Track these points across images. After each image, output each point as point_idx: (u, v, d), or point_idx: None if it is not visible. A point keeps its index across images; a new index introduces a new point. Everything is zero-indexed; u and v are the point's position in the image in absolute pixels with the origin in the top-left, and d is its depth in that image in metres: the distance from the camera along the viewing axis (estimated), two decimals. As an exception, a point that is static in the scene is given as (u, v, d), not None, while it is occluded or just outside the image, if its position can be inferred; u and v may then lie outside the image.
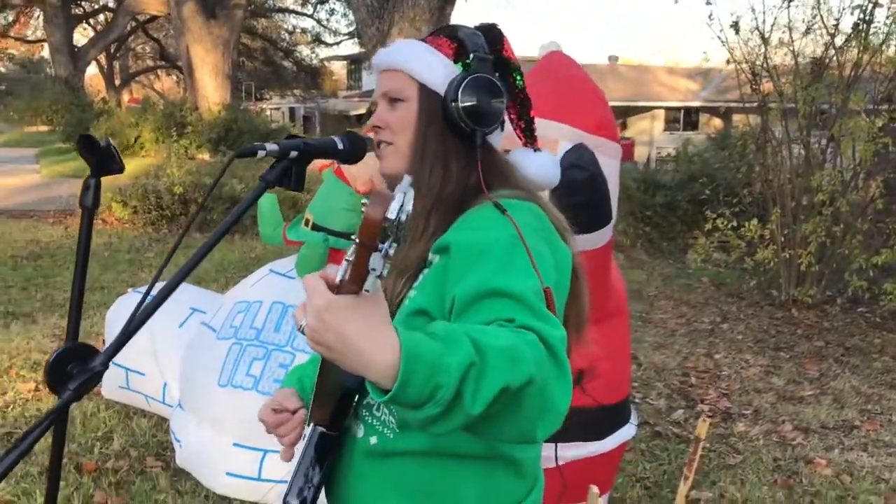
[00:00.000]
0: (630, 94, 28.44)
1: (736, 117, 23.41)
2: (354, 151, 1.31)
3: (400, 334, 0.90)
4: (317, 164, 3.57)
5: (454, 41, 1.34)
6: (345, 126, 30.00)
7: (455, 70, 1.31)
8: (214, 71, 17.06)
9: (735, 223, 8.10)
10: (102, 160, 1.06)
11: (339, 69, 42.00)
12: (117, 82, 35.96)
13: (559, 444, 2.46)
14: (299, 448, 1.33)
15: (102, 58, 33.91)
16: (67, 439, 3.61)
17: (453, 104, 1.26)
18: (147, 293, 1.12)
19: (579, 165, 2.08)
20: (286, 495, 1.25)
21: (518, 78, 1.36)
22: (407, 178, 0.90)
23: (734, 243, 7.94)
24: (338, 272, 0.90)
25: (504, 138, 1.37)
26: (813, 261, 7.42)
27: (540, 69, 2.82)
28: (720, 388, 5.23)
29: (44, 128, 25.07)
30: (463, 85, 1.26)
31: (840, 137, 7.50)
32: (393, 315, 1.21)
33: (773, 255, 7.66)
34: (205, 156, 14.92)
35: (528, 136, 1.42)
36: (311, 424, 1.30)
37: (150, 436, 3.76)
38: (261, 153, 1.18)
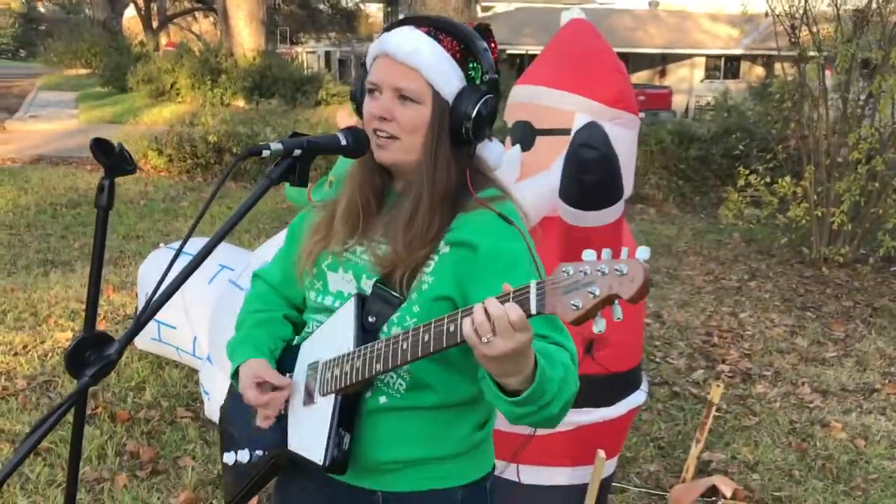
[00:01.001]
0: (670, 41, 27.84)
1: (778, 66, 22.87)
2: (358, 146, 1.36)
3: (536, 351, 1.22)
4: (342, 124, 3.62)
5: (461, 43, 1.41)
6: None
7: (461, 78, 1.41)
8: (249, 17, 17.02)
9: (768, 179, 8.01)
10: (115, 162, 1.13)
11: (375, 12, 41.56)
12: (155, 24, 35.99)
13: (571, 409, 2.54)
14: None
15: None
16: (102, 389, 3.79)
17: (466, 123, 1.38)
18: (177, 254, 1.22)
19: (590, 145, 2.11)
20: (322, 455, 1.39)
21: (498, 80, 1.45)
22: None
23: (766, 199, 7.86)
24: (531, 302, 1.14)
25: None
26: (846, 219, 7.34)
27: (561, 39, 2.82)
28: (742, 349, 5.27)
29: (83, 71, 25.28)
30: (477, 108, 1.38)
31: (879, 94, 7.34)
32: (407, 288, 1.39)
33: (805, 213, 7.59)
34: (239, 102, 14.99)
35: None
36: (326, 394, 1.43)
37: (180, 387, 3.92)
38: (265, 153, 1.24)
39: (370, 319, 1.42)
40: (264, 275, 1.66)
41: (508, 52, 26.62)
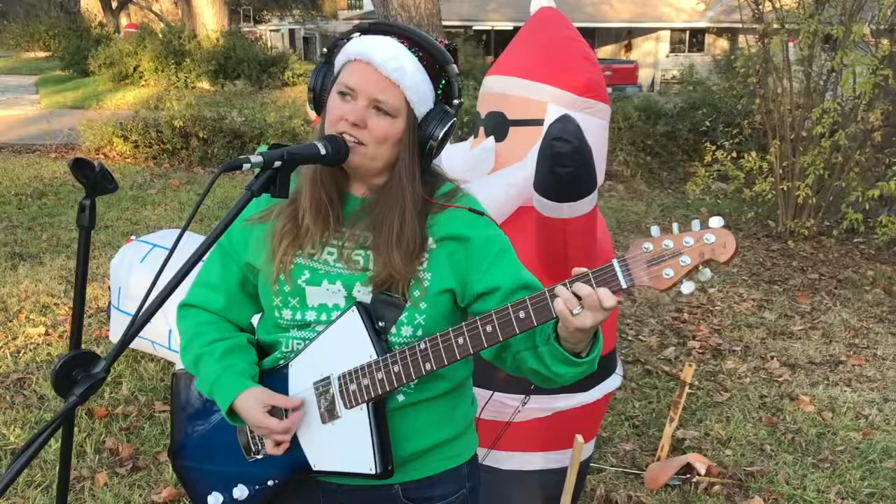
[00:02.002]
0: (635, 15, 27.88)
1: (741, 39, 23.02)
2: (337, 155, 1.37)
3: None
4: (313, 115, 3.61)
5: (436, 64, 1.45)
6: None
7: (434, 96, 1.46)
8: (211, -4, 16.75)
9: (735, 154, 8.11)
10: (96, 181, 1.13)
11: (339, -11, 41.05)
12: (114, 5, 35.25)
13: (548, 396, 2.58)
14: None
15: (98, -21, 33.19)
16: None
17: (432, 142, 1.45)
18: (166, 260, 1.23)
19: (563, 138, 2.13)
20: (373, 463, 1.43)
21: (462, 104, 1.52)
22: None
23: (733, 174, 7.96)
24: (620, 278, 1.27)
25: None
26: (810, 193, 7.46)
27: (531, 28, 2.82)
28: (712, 324, 5.36)
29: (41, 54, 24.74)
30: (444, 132, 1.45)
31: (841, 69, 7.45)
32: (406, 289, 1.44)
33: (771, 187, 7.71)
34: (204, 85, 14.79)
35: None
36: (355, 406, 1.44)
37: (157, 380, 3.91)
38: (246, 166, 1.24)
39: (380, 324, 1.43)
40: (202, 304, 1.56)
41: (474, 28, 26.51)
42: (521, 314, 1.32)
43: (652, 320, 5.35)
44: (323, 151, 1.35)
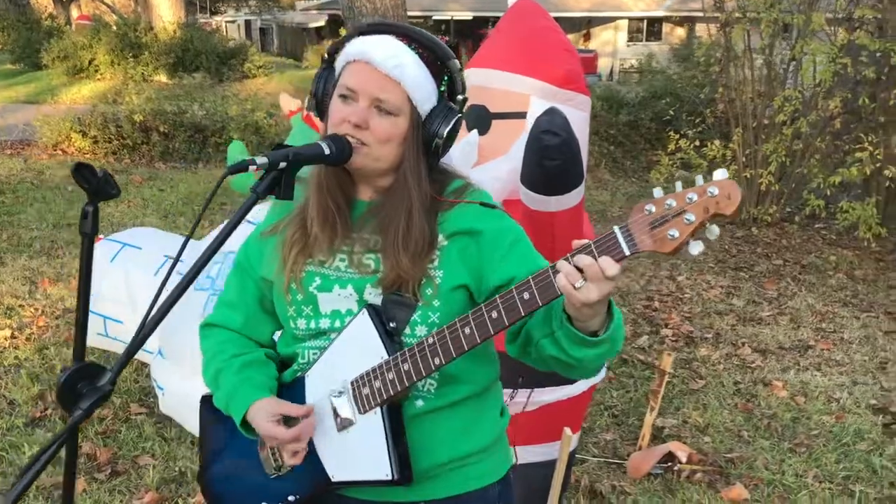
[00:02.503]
0: (594, 4, 28.03)
1: (699, 27, 23.27)
2: (341, 154, 1.34)
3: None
4: (286, 109, 3.56)
5: (437, 60, 1.42)
6: (304, 39, 29.24)
7: (436, 93, 1.43)
8: (167, -13, 16.44)
9: (697, 143, 8.20)
10: (99, 186, 1.09)
11: (295, -21, 40.62)
12: (64, -3, 34.41)
13: (535, 390, 2.58)
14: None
15: (46, -30, 32.36)
16: (49, 389, 3.68)
17: (437, 139, 1.41)
18: (170, 271, 1.20)
19: (552, 131, 2.12)
20: (389, 471, 1.38)
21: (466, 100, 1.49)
22: None
23: (696, 163, 8.05)
24: (622, 244, 1.19)
25: None
26: (773, 180, 7.58)
27: (509, 20, 2.81)
28: (683, 312, 5.42)
29: (-11, 47, 24.06)
30: (450, 128, 1.42)
31: (801, 57, 7.57)
32: (416, 289, 1.40)
33: (734, 175, 7.81)
34: (162, 78, 14.54)
35: None
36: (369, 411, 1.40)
37: (131, 382, 3.83)
38: (252, 168, 1.21)
39: (391, 325, 1.40)
40: (221, 322, 1.57)
41: (434, 18, 26.43)
42: (526, 295, 1.26)
43: (624, 309, 5.38)
44: (327, 151, 1.33)
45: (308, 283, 1.44)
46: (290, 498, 1.48)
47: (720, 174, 1.14)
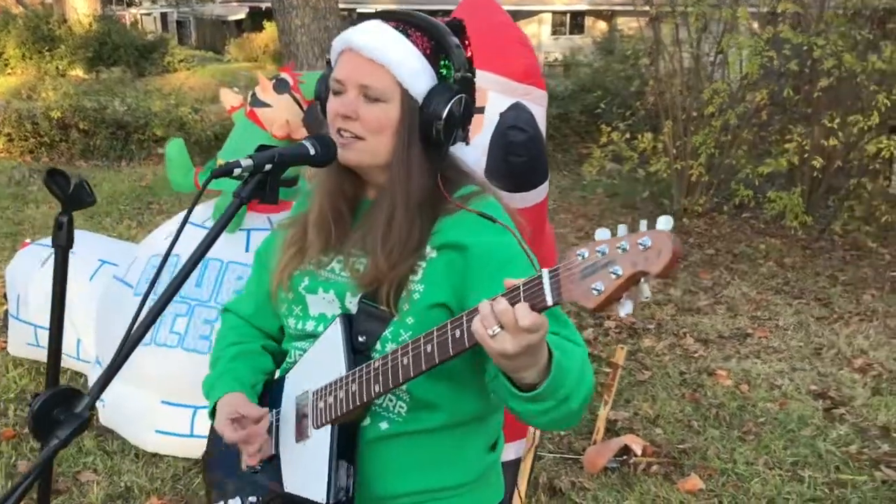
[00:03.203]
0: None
1: (620, 21, 23.66)
2: (327, 153, 1.28)
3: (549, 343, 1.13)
4: (228, 105, 3.43)
5: (431, 40, 1.33)
6: (223, 32, 28.57)
7: (432, 76, 1.32)
8: (81, -22, 15.82)
9: (628, 135, 8.31)
10: (74, 194, 0.99)
11: (213, -29, 39.65)
12: (-34, -13, 32.80)
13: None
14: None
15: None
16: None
17: (437, 123, 1.29)
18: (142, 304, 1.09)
19: (519, 126, 2.09)
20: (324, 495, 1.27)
21: (473, 79, 1.37)
22: None
23: (626, 155, 8.16)
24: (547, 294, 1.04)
25: None
26: (703, 171, 7.73)
27: (462, 13, 2.75)
28: (624, 304, 5.47)
29: None
30: (449, 107, 1.29)
31: (728, 50, 7.73)
32: (396, 302, 1.29)
33: (666, 167, 7.94)
34: (78, 72, 13.97)
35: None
36: (320, 427, 1.33)
37: (66, 393, 3.64)
38: (237, 171, 1.13)
39: (360, 339, 1.31)
40: (235, 308, 1.57)
41: (359, 10, 26.17)
42: (458, 332, 1.12)
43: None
44: (312, 151, 1.25)
45: (297, 283, 1.39)
46: (251, 499, 1.42)
47: (662, 223, 0.97)
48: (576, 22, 26.90)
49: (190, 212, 1.10)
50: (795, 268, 6.53)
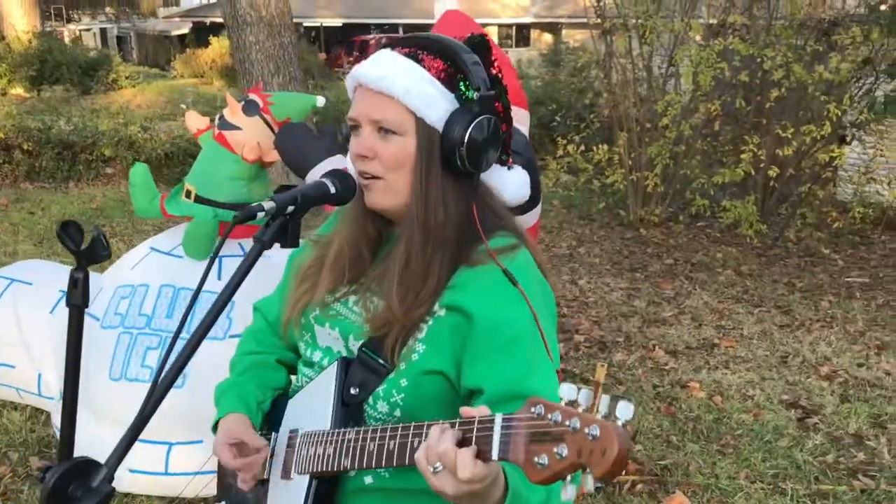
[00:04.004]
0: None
1: (566, 32, 23.94)
2: (346, 191, 1.21)
3: (506, 474, 1.02)
4: (194, 128, 3.33)
5: (446, 61, 1.25)
6: (166, 47, 28.15)
7: (451, 101, 1.24)
8: (18, -6, 15.41)
9: (583, 147, 8.37)
10: (90, 249, 0.91)
11: (153, -15, 39.06)
12: None
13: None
14: None
15: None
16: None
17: (459, 150, 1.21)
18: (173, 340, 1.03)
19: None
20: None
21: (504, 96, 1.30)
22: None
23: (582, 167, 8.21)
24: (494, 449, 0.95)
25: None
26: (658, 182, 7.82)
27: (436, 31, 2.72)
28: (591, 316, 5.48)
29: None
30: (470, 130, 1.20)
31: (680, 63, 7.85)
32: (397, 351, 1.21)
33: (622, 178, 8.01)
34: (18, 91, 13.58)
35: (504, 152, 1.36)
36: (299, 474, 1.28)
37: (27, 432, 3.47)
38: (260, 214, 1.07)
39: (352, 392, 1.24)
40: (263, 309, 1.54)
41: (304, 25, 26.03)
42: (416, 442, 1.04)
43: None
44: (332, 190, 1.18)
45: (309, 312, 1.34)
46: None
47: (623, 410, 0.89)
48: (522, 34, 27.14)
49: (214, 257, 1.03)
50: (753, 275, 6.62)
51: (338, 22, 26.87)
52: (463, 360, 1.20)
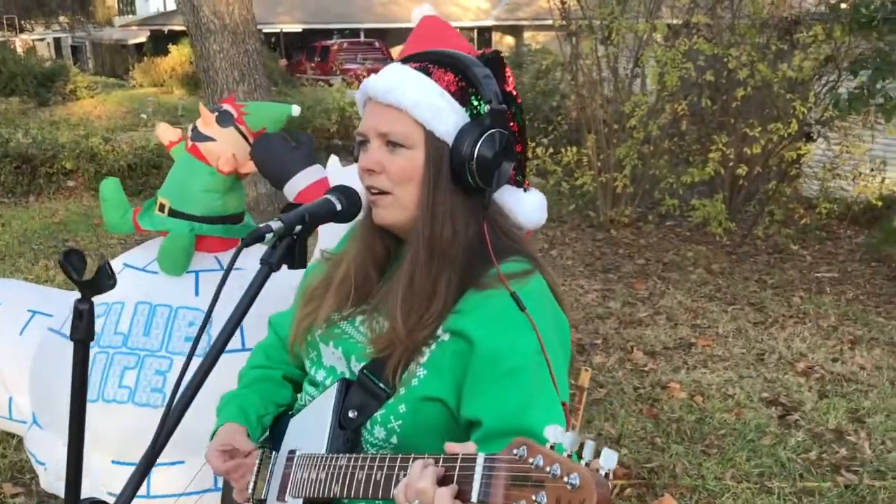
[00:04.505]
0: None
1: (527, 34, 24.04)
2: (352, 207, 1.18)
3: None
4: (165, 140, 3.25)
5: (457, 74, 1.22)
6: (123, 56, 27.73)
7: (462, 115, 1.20)
8: (-31, 4, 15.09)
9: (552, 150, 8.38)
10: (94, 280, 0.86)
11: (108, -6, 38.51)
12: None
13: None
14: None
15: None
16: None
17: (469, 164, 1.17)
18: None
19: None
20: None
21: (519, 115, 1.27)
22: None
23: (551, 169, 8.22)
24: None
25: None
26: (628, 182, 7.86)
27: (417, 38, 2.70)
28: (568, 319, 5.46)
29: None
30: (479, 144, 1.17)
31: (647, 64, 7.89)
32: (398, 374, 1.17)
33: (592, 180, 8.03)
34: (-28, 104, 13.28)
35: (520, 173, 1.33)
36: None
37: (-2, 457, 3.37)
38: (268, 236, 1.03)
39: (350, 415, 1.20)
40: (276, 324, 1.51)
41: (265, 31, 25.82)
42: (402, 474, 1.02)
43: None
44: (339, 207, 1.14)
45: (315, 329, 1.30)
46: None
47: (606, 458, 0.88)
48: (483, 38, 27.17)
49: (227, 273, 0.98)
50: (724, 273, 6.67)
51: (298, 28, 26.68)
52: (463, 389, 1.16)
